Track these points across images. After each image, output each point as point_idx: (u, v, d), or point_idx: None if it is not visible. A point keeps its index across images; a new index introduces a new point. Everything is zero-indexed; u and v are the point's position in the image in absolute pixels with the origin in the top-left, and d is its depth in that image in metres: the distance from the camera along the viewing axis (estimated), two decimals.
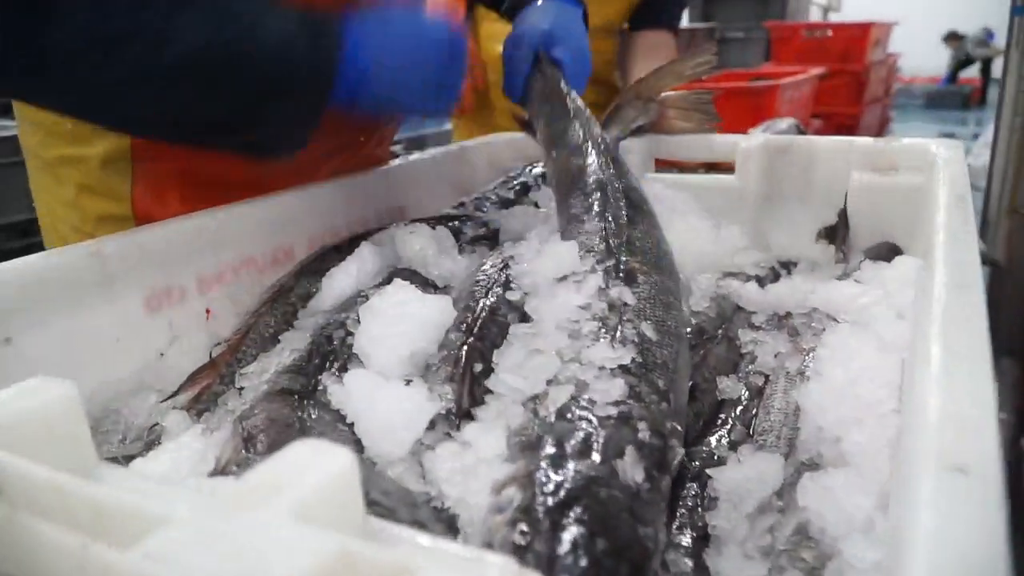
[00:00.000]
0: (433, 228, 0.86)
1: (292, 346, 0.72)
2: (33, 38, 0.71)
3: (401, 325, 0.65)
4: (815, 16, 6.71)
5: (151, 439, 0.65)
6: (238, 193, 0.91)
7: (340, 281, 0.78)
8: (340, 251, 0.86)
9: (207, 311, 0.84)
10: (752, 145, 1.10)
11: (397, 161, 1.16)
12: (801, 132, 1.70)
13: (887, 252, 0.98)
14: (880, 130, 4.60)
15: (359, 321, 0.69)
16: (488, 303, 0.70)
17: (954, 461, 0.34)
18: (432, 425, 0.57)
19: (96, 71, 0.74)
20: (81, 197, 1.04)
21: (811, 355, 0.73)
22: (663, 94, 1.18)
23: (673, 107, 1.18)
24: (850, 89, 3.98)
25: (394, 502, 0.47)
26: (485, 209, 1.07)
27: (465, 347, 0.64)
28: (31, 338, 0.69)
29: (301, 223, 0.95)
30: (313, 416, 0.60)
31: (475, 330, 0.66)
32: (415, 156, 1.19)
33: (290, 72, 0.78)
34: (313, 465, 0.34)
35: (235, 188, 0.93)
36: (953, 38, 12.03)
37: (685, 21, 4.87)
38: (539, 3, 1.09)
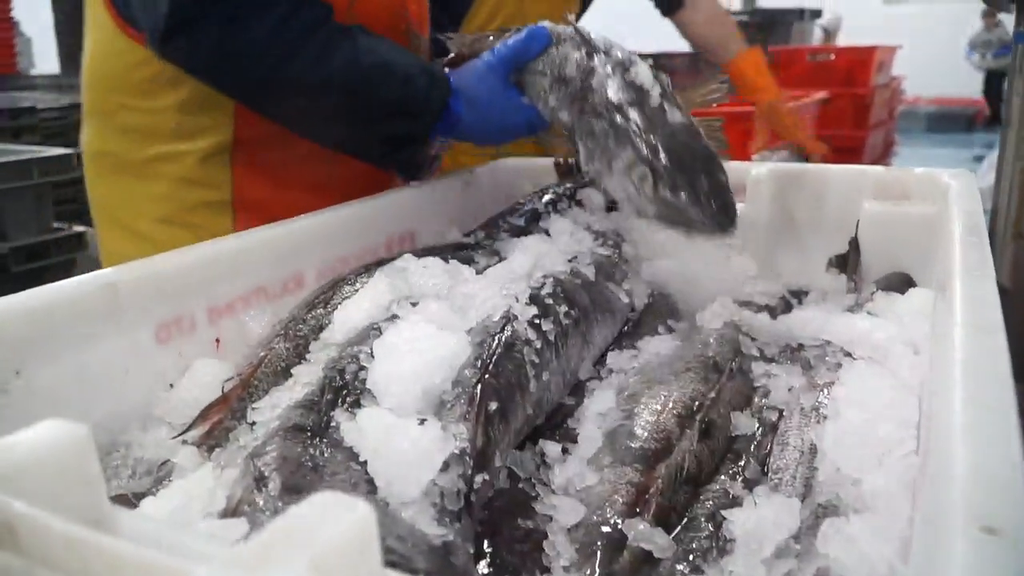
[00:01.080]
0: (447, 261, 0.86)
1: (304, 380, 0.71)
2: (236, 32, 0.97)
3: (414, 361, 0.64)
4: (818, 38, 6.74)
5: (161, 475, 0.64)
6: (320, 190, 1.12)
7: (353, 314, 0.78)
8: (352, 281, 0.85)
9: (217, 341, 0.84)
10: (763, 173, 1.10)
11: (405, 189, 1.16)
12: (800, 155, 1.70)
13: (899, 283, 0.98)
14: (885, 153, 4.61)
15: (372, 355, 0.69)
16: (503, 338, 0.70)
17: (984, 522, 0.34)
18: (446, 466, 0.57)
19: (272, 70, 1.00)
20: (179, 189, 1.16)
21: (826, 391, 0.73)
22: None
23: None
24: (854, 112, 3.98)
25: (409, 549, 0.47)
26: (496, 237, 1.06)
27: (479, 385, 0.64)
28: (41, 370, 0.68)
29: (311, 251, 0.94)
30: (325, 454, 0.59)
31: (490, 367, 0.66)
32: (423, 183, 1.18)
33: (410, 100, 1.04)
34: (331, 519, 0.34)
35: (318, 188, 1.14)
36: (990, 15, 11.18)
37: (688, 47, 4.87)
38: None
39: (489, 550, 0.57)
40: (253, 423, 0.68)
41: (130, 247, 1.20)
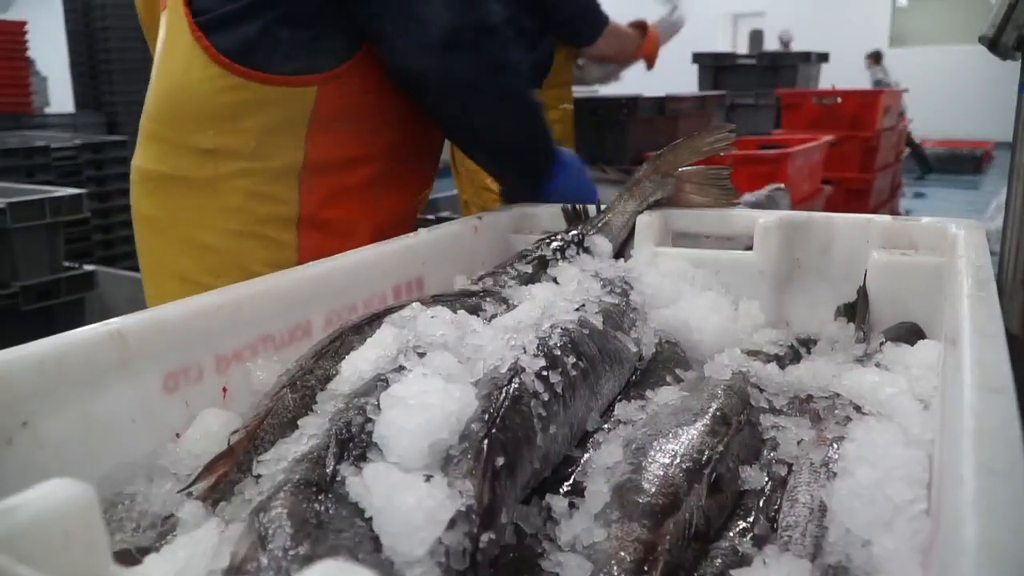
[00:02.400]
0: (455, 310, 0.86)
1: (310, 432, 0.71)
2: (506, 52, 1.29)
3: (421, 416, 0.64)
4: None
5: (165, 529, 0.64)
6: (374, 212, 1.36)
7: (359, 365, 0.78)
8: (359, 331, 0.85)
9: (224, 389, 0.84)
10: (771, 221, 1.10)
11: (413, 235, 1.16)
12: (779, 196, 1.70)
13: (908, 333, 0.98)
14: (892, 195, 4.62)
15: (379, 407, 0.69)
16: (511, 391, 0.70)
17: None
18: (452, 524, 0.56)
19: (521, 88, 1.35)
20: (251, 201, 1.29)
21: (836, 446, 0.72)
22: (680, 169, 1.19)
23: (690, 182, 1.19)
24: (861, 155, 4.00)
25: None
26: (504, 284, 1.07)
27: (486, 440, 0.63)
28: (48, 420, 0.68)
29: (318, 299, 0.95)
30: (331, 511, 0.59)
31: (497, 421, 0.66)
32: (432, 229, 1.19)
33: (542, 147, 1.40)
34: None
35: (374, 211, 1.36)
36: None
37: (696, 89, 4.92)
38: None
39: None
40: (258, 476, 0.67)
41: (189, 262, 1.32)
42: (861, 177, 3.99)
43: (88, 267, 2.89)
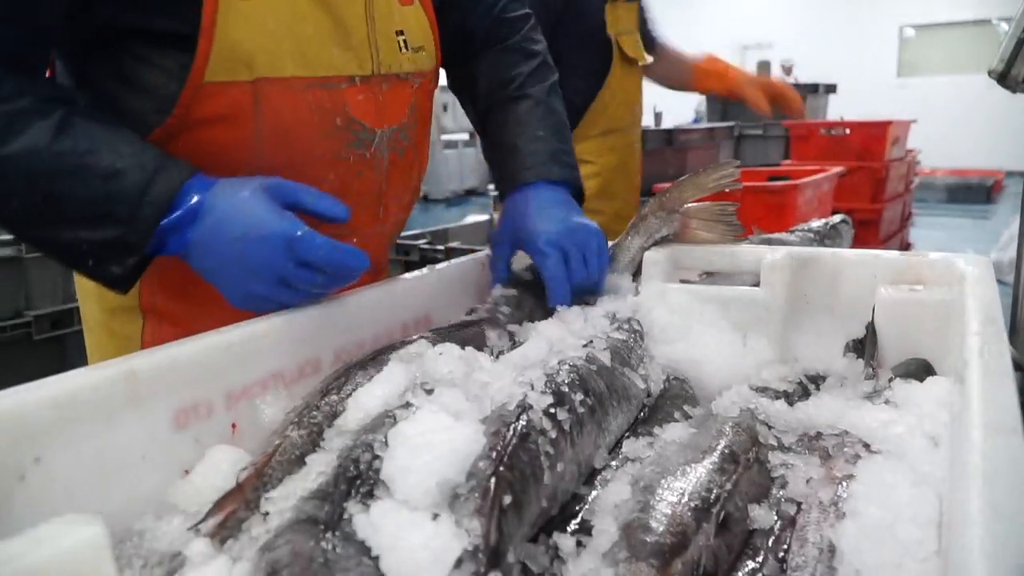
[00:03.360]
0: (462, 347, 0.86)
1: (318, 469, 0.71)
2: None
3: (429, 454, 0.64)
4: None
5: (173, 567, 0.64)
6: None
7: (367, 402, 0.78)
8: (365, 368, 0.86)
9: (233, 425, 0.85)
10: (777, 257, 1.11)
11: (421, 271, 1.17)
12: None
13: (918, 369, 0.98)
14: (902, 225, 4.62)
15: (386, 444, 0.69)
16: (518, 428, 0.70)
17: None
18: (459, 563, 0.56)
19: None
20: (101, 289, 1.04)
21: (845, 485, 0.72)
22: (686, 205, 1.19)
23: (696, 218, 1.20)
24: (870, 186, 4.01)
25: None
26: (501, 313, 1.07)
27: (494, 478, 0.63)
28: (60, 456, 0.69)
29: (326, 336, 0.95)
30: (338, 549, 0.59)
31: (504, 459, 0.66)
32: (440, 265, 1.20)
33: (113, 200, 0.87)
34: None
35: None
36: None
37: (704, 122, 4.95)
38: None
39: None
40: (266, 514, 0.68)
41: (98, 344, 1.19)
42: (871, 208, 3.99)
43: None
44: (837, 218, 1.57)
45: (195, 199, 0.89)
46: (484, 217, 3.74)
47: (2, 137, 0.85)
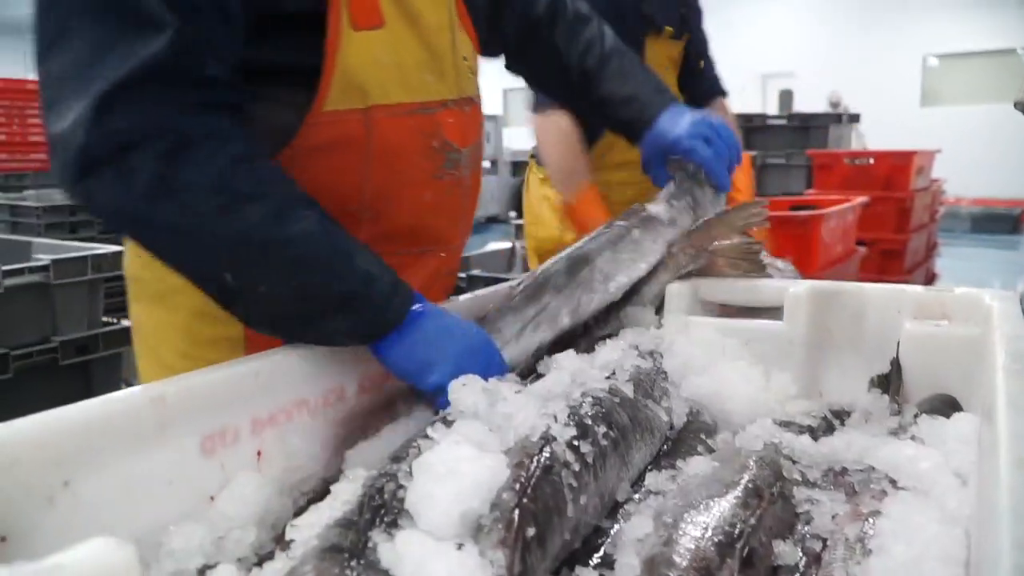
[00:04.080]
0: (485, 379, 0.87)
1: (343, 497, 0.72)
2: (180, 166, 0.85)
3: (453, 484, 0.65)
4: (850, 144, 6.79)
5: None
6: None
7: (392, 432, 0.79)
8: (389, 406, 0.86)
9: (258, 453, 0.85)
10: (800, 291, 1.10)
11: (449, 302, 1.18)
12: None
13: (944, 405, 0.97)
14: (927, 255, 4.58)
15: (411, 474, 0.69)
16: (542, 460, 0.70)
17: None
18: None
19: (219, 218, 0.86)
20: (195, 321, 1.15)
21: (871, 521, 0.71)
22: (715, 244, 1.20)
23: (723, 256, 1.20)
24: (895, 216, 3.99)
25: None
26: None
27: (517, 510, 0.64)
28: (88, 481, 0.70)
29: (351, 365, 0.96)
30: None
31: (528, 491, 0.66)
32: (463, 297, 1.21)
33: (368, 300, 0.92)
34: None
35: None
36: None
37: None
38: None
39: None
40: (291, 541, 0.68)
41: (155, 377, 1.17)
42: (896, 238, 3.97)
43: (125, 322, 2.95)
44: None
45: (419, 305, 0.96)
46: (506, 245, 3.74)
47: (283, 220, 0.88)
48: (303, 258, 0.89)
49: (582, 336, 1.11)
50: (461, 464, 0.67)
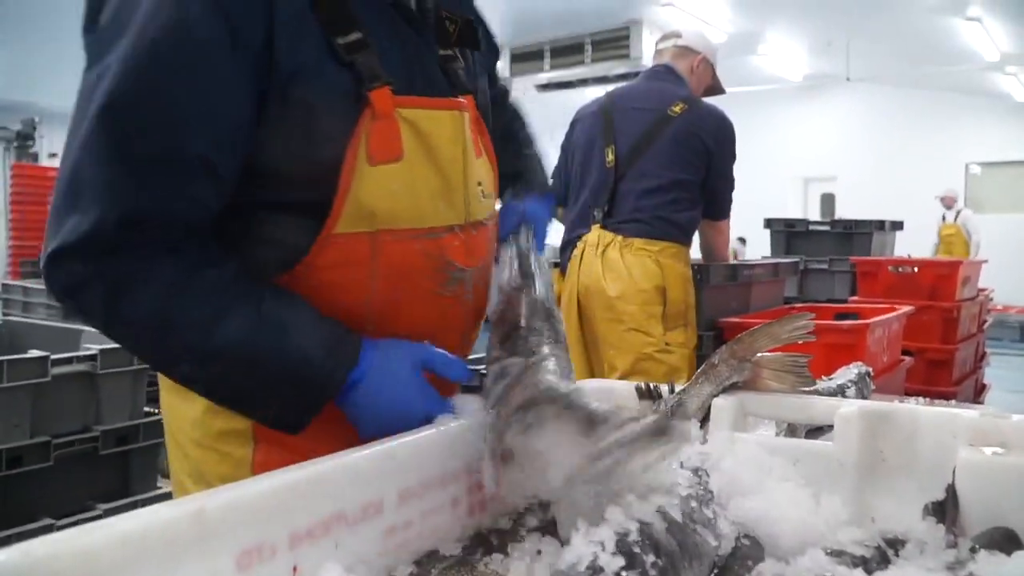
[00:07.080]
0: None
1: None
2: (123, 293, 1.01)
3: None
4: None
5: None
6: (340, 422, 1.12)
7: None
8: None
9: (294, 568, 0.84)
10: (852, 411, 1.08)
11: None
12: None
13: (1003, 540, 0.92)
14: (976, 367, 4.46)
15: None
16: None
17: None
18: None
19: (158, 337, 1.05)
20: (207, 414, 1.21)
21: None
22: (758, 355, 1.18)
23: (768, 368, 1.18)
24: (942, 326, 3.91)
25: None
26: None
27: None
28: None
29: (391, 477, 0.95)
30: None
31: None
32: None
33: (303, 381, 1.08)
34: None
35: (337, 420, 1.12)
36: None
37: (769, 253, 4.95)
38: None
39: None
40: None
41: (177, 464, 1.28)
42: (943, 348, 3.88)
43: None
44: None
45: (359, 369, 1.09)
46: None
47: (211, 335, 1.03)
48: (234, 364, 1.06)
49: None
50: None
